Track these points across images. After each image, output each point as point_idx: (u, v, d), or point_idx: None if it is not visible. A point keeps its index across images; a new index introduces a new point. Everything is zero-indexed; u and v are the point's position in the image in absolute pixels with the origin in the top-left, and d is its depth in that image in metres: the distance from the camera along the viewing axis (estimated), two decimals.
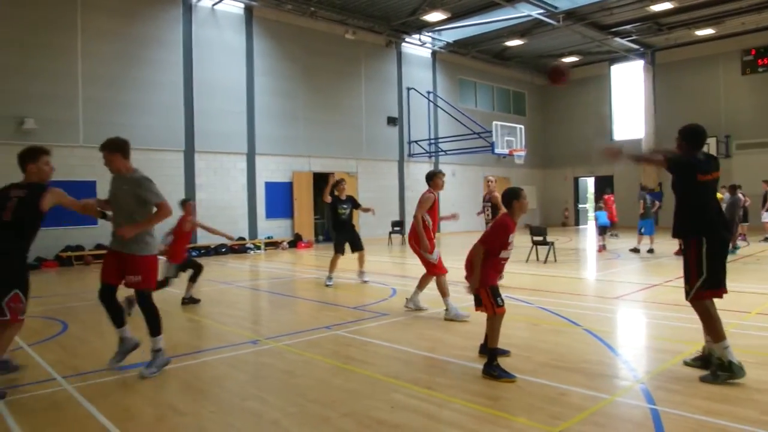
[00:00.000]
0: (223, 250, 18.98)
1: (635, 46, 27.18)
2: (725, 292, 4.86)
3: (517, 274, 11.14)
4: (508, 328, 6.52)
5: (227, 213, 19.82)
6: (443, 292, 7.49)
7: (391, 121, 24.92)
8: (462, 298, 8.27)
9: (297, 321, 7.66)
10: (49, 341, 6.73)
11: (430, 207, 7.67)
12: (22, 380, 5.22)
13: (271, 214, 20.97)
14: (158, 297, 6.03)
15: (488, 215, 10.59)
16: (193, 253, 18.07)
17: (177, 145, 18.65)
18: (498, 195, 9.80)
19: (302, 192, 21.72)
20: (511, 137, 23.91)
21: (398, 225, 22.71)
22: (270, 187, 20.90)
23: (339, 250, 10.99)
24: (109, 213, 5.35)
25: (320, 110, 22.33)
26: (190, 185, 18.95)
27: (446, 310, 7.42)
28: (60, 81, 16.49)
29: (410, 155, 25.70)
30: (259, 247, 19.85)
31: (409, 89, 25.72)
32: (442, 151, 25.94)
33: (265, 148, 20.78)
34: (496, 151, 23.21)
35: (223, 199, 19.76)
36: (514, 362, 5.33)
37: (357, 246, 11.09)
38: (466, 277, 5.22)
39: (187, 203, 9.34)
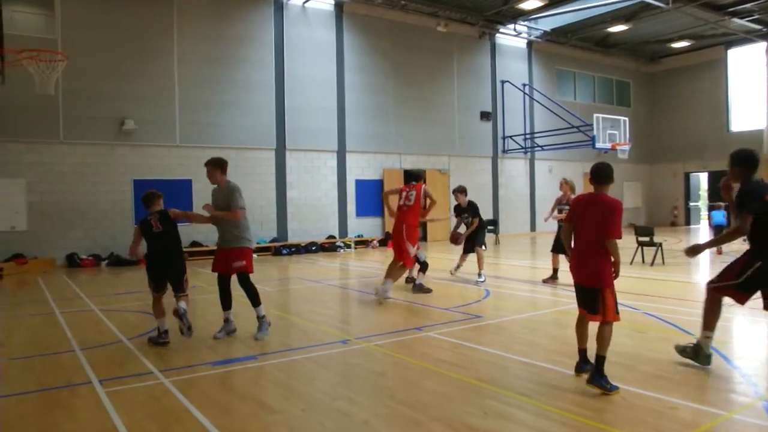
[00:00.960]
0: (314, 248, 19.38)
1: (757, 27, 25.33)
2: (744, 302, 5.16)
3: (621, 277, 10.66)
4: (614, 335, 6.35)
5: (318, 211, 20.26)
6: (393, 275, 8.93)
7: (485, 115, 24.64)
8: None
9: (387, 321, 7.71)
10: (147, 336, 7.02)
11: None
12: (122, 373, 5.51)
13: (361, 212, 21.25)
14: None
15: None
16: (284, 251, 18.57)
17: (269, 144, 19.22)
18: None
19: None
20: (613, 130, 23.03)
21: (492, 224, 22.40)
22: (360, 184, 21.18)
23: (480, 245, 11.39)
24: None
25: (411, 106, 22.40)
26: (281, 183, 19.51)
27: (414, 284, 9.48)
28: (157, 83, 17.43)
29: (504, 151, 25.34)
30: (349, 246, 20.13)
31: (503, 82, 25.34)
32: (538, 146, 25.37)
33: (356, 146, 21.07)
34: (598, 145, 22.42)
35: (314, 196, 20.20)
36: (619, 372, 5.13)
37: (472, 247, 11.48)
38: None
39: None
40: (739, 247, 11.14)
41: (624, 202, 9.34)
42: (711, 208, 18.38)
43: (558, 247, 10.54)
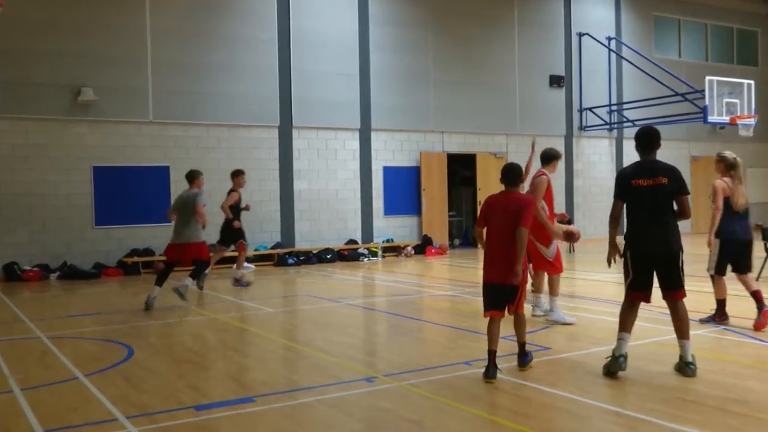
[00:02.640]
0: (329, 257, 19.43)
1: None
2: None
3: (742, 297, 10.35)
4: (735, 376, 6.30)
5: (334, 208, 20.36)
6: (553, 290, 9.24)
7: (556, 81, 24.58)
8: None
9: (426, 353, 7.72)
10: (110, 371, 7.10)
11: (545, 192, 9.27)
12: (76, 420, 5.49)
13: (391, 209, 21.23)
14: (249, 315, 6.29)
15: None
16: (290, 260, 18.68)
17: (270, 120, 19.41)
18: None
19: (433, 180, 21.91)
20: (733, 98, 22.57)
21: (567, 224, 22.18)
22: (390, 173, 21.27)
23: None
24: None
25: (456, 69, 22.42)
26: (287, 171, 19.69)
27: (550, 311, 9.27)
28: (124, 39, 17.62)
29: (583, 128, 25.20)
30: (375, 254, 20.19)
31: (580, 36, 25.21)
32: (628, 120, 25.17)
33: (384, 122, 21.12)
34: (711, 119, 22.04)
35: (329, 189, 20.26)
36: (744, 425, 5.01)
37: None
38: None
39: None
40: None
41: (748, 195, 9.03)
42: None
43: (722, 268, 9.05)
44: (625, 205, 6.66)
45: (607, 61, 25.94)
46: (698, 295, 10.25)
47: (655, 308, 8.43)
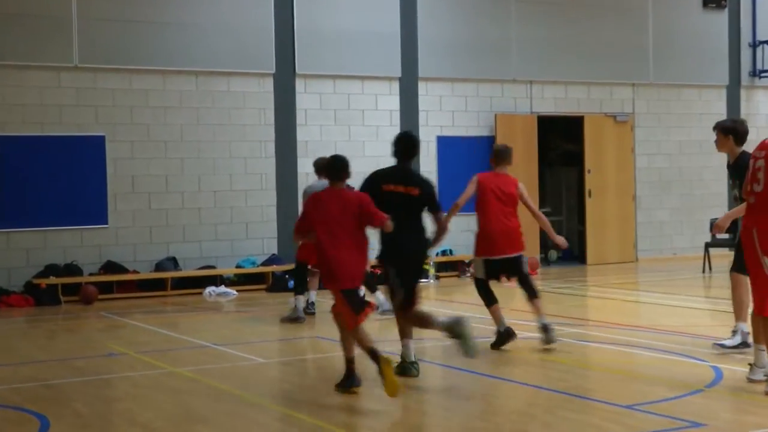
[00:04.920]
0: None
1: None
2: None
3: None
4: None
5: None
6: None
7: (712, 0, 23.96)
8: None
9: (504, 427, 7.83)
10: None
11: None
12: None
13: (450, 204, 20.46)
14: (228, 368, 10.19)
15: None
16: (292, 283, 18.40)
17: (261, 64, 19.21)
18: None
19: (516, 157, 20.98)
20: None
21: (731, 230, 21.53)
22: (448, 147, 21.09)
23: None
24: None
25: None
26: (287, 144, 19.43)
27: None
28: None
29: (757, 73, 24.72)
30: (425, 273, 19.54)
31: None
32: None
33: (439, 68, 20.98)
34: None
35: (352, 172, 19.51)
36: None
37: None
38: None
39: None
40: None
41: None
42: None
43: None
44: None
45: None
46: None
47: None
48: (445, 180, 20.42)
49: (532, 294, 11.40)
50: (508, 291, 17.85)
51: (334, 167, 8.73)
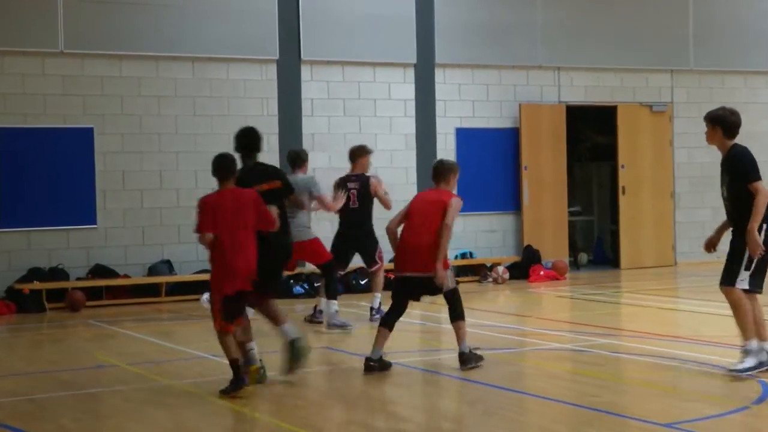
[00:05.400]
0: (363, 282, 19.16)
1: None
2: None
3: None
4: None
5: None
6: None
7: None
8: None
9: None
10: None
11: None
12: None
13: (470, 202, 20.35)
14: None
15: None
16: (297, 289, 18.77)
17: (263, 50, 19.23)
18: None
19: (542, 151, 21.71)
20: None
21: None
22: (468, 140, 21.05)
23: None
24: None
25: None
26: (291, 135, 19.35)
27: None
28: None
29: None
30: None
31: None
32: None
33: (458, 53, 20.98)
34: None
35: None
36: None
37: None
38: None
39: None
40: None
41: None
42: None
43: None
44: None
45: None
46: None
47: None
48: (465, 176, 20.28)
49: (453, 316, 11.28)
50: (534, 297, 18.02)
51: (221, 168, 9.43)
